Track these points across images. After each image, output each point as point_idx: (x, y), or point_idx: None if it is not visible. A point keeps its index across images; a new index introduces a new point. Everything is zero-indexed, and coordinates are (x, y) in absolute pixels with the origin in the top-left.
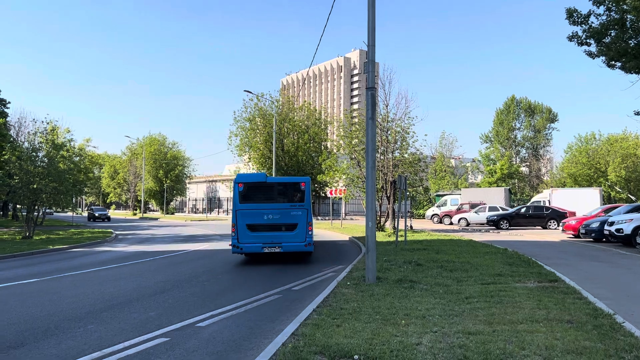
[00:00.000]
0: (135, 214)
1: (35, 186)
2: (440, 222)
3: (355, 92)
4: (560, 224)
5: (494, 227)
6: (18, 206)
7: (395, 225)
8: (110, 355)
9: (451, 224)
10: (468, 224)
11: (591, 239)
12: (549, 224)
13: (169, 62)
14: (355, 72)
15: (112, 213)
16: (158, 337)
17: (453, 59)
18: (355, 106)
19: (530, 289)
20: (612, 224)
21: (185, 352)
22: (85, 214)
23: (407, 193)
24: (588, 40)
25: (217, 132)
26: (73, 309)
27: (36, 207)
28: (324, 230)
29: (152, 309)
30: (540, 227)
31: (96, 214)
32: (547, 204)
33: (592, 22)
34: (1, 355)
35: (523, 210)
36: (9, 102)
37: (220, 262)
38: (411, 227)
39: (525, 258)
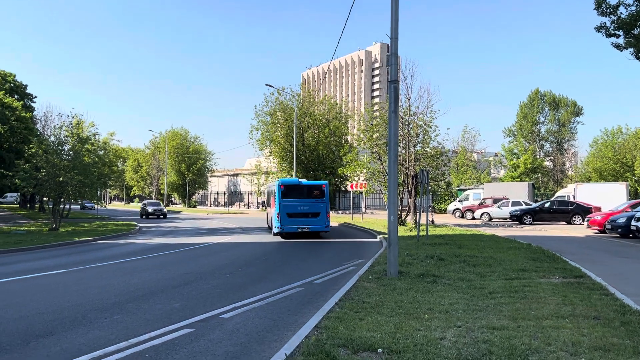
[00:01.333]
0: None
1: (61, 179)
2: (462, 216)
3: (376, 86)
4: (585, 219)
5: (517, 222)
6: (45, 199)
7: (417, 220)
8: (137, 345)
9: (473, 218)
10: (490, 219)
11: (617, 235)
12: (574, 219)
13: (190, 56)
14: (376, 65)
15: (135, 206)
16: (183, 328)
17: (475, 53)
18: (376, 100)
19: (555, 284)
20: (639, 219)
21: (210, 342)
22: (112, 206)
23: (429, 187)
24: (616, 32)
25: (238, 126)
26: (99, 299)
27: (62, 199)
28: (343, 223)
29: (176, 300)
30: (564, 223)
31: (149, 210)
32: (571, 199)
33: (621, 13)
34: (32, 344)
35: (547, 205)
36: (36, 97)
37: (242, 255)
38: (432, 221)
39: (549, 253)
